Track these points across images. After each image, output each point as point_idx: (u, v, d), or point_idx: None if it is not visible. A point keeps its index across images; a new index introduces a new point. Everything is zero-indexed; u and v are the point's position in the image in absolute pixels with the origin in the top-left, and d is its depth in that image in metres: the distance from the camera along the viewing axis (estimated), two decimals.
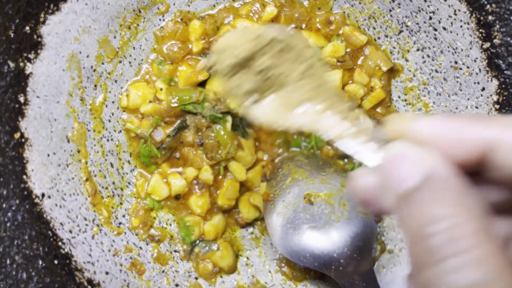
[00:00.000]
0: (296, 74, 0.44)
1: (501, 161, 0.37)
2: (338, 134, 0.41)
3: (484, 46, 0.78)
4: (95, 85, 0.85)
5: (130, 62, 0.88)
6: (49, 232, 0.77)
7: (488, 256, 0.33)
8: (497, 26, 0.76)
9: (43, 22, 0.77)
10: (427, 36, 0.84)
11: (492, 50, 0.78)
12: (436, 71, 0.85)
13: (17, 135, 0.75)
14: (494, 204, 0.39)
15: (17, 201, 0.74)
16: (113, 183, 0.87)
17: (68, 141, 0.82)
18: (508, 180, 0.37)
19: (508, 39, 0.76)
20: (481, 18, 0.77)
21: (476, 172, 0.38)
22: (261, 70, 0.44)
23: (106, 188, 0.86)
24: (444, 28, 0.81)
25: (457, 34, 0.80)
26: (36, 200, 0.76)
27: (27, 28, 0.75)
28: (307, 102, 0.43)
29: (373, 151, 0.40)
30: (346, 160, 0.90)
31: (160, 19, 0.88)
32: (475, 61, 0.80)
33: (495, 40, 0.77)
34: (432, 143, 0.37)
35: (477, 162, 0.37)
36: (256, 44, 0.44)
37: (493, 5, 0.75)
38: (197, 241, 0.89)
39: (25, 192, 0.75)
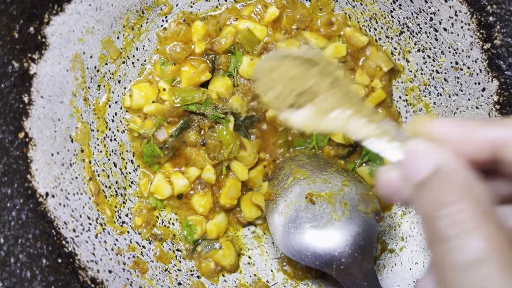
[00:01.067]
0: (325, 86, 0.50)
1: (509, 159, 0.41)
2: (366, 134, 0.48)
3: (485, 47, 0.79)
4: (99, 86, 0.86)
5: (133, 63, 0.88)
6: (53, 231, 0.77)
7: (486, 237, 0.37)
8: (498, 27, 0.77)
9: (47, 23, 0.77)
10: (428, 37, 0.84)
11: (492, 51, 0.78)
12: (437, 71, 0.86)
13: (21, 135, 0.76)
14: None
15: (21, 200, 0.74)
16: (116, 182, 0.87)
17: (72, 141, 0.83)
18: None
19: (509, 39, 0.76)
20: (482, 19, 0.77)
21: (492, 169, 0.43)
22: (303, 88, 0.52)
23: (109, 187, 0.86)
24: (445, 29, 0.82)
25: (458, 35, 0.81)
26: (40, 199, 0.77)
27: (31, 28, 0.76)
28: (337, 109, 0.50)
29: (396, 148, 0.47)
30: (347, 160, 0.90)
31: (163, 20, 0.89)
32: (475, 61, 0.80)
33: (495, 41, 0.77)
34: (446, 141, 0.43)
35: (489, 160, 0.42)
36: (289, 64, 0.52)
37: (494, 6, 0.76)
38: (200, 240, 0.89)
39: (29, 191, 0.76)
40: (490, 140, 0.42)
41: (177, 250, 0.89)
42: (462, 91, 0.84)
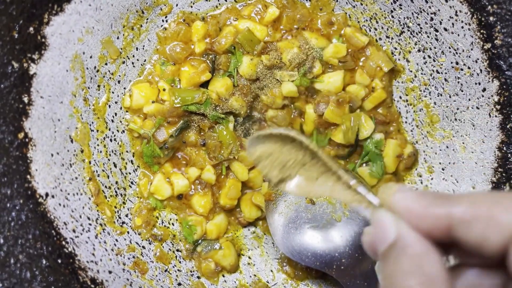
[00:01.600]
0: (308, 156, 0.56)
1: (460, 235, 0.44)
2: (346, 200, 0.54)
3: (485, 47, 0.79)
4: (98, 86, 0.86)
5: (133, 63, 0.88)
6: (53, 231, 0.77)
7: None
8: (498, 27, 0.76)
9: (47, 23, 0.77)
10: (428, 37, 0.84)
11: (493, 51, 0.78)
12: (437, 71, 0.86)
13: (21, 135, 0.76)
14: (483, 263, 0.47)
15: (21, 201, 0.74)
16: (116, 182, 0.87)
17: (72, 141, 0.83)
18: (473, 250, 0.44)
19: (509, 40, 0.76)
20: (482, 19, 0.77)
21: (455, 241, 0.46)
22: (284, 163, 0.58)
23: (109, 187, 0.86)
24: (445, 29, 0.82)
25: (458, 35, 0.81)
26: (40, 200, 0.77)
27: (31, 29, 0.76)
28: (321, 176, 0.56)
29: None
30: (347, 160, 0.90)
31: (163, 20, 0.89)
32: (476, 61, 0.80)
33: (496, 41, 0.77)
34: (404, 214, 0.46)
35: (447, 234, 0.45)
36: (271, 142, 0.58)
37: (494, 6, 0.76)
38: (200, 241, 0.89)
39: (29, 192, 0.76)
40: (442, 218, 0.44)
41: (177, 250, 0.89)
42: (462, 91, 0.83)
